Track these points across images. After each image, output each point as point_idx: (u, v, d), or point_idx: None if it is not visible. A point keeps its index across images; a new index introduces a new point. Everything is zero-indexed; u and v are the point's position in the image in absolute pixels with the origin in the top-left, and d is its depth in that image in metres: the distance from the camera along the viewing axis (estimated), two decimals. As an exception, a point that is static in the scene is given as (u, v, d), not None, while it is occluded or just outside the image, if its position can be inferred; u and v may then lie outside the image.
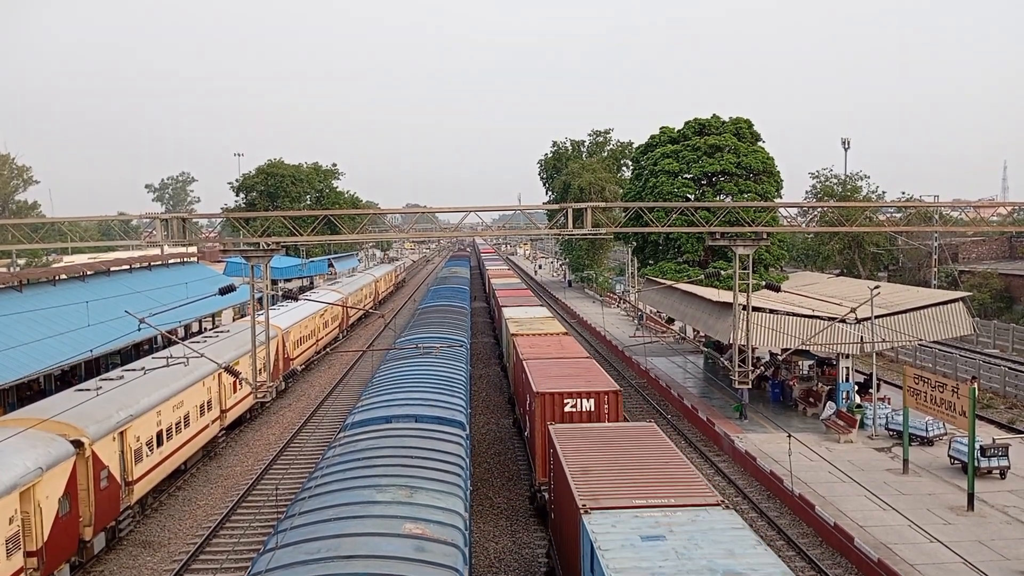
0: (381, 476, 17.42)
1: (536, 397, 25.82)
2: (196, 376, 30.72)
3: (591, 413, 25.52)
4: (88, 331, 40.28)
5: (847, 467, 28.96)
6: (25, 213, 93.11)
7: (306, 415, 39.88)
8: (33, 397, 35.56)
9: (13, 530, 18.66)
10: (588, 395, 25.72)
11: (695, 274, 52.26)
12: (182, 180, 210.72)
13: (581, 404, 25.58)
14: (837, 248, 78.09)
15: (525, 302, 54.81)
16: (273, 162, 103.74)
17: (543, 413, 25.40)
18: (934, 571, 21.03)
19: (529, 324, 41.99)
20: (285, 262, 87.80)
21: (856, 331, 35.38)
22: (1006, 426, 35.82)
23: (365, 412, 24.25)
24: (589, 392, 25.83)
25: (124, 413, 24.82)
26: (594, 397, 25.71)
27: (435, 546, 14.12)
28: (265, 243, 26.07)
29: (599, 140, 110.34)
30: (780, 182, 57.44)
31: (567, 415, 25.30)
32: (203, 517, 27.01)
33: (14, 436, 19.97)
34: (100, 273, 54.31)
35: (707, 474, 29.68)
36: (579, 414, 25.41)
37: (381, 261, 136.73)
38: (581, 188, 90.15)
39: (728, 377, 31.86)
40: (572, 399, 25.59)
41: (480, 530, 25.03)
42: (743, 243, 28.74)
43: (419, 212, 36.73)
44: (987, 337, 56.05)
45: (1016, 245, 79.67)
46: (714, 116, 58.83)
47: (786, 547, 23.75)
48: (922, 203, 59.81)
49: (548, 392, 25.69)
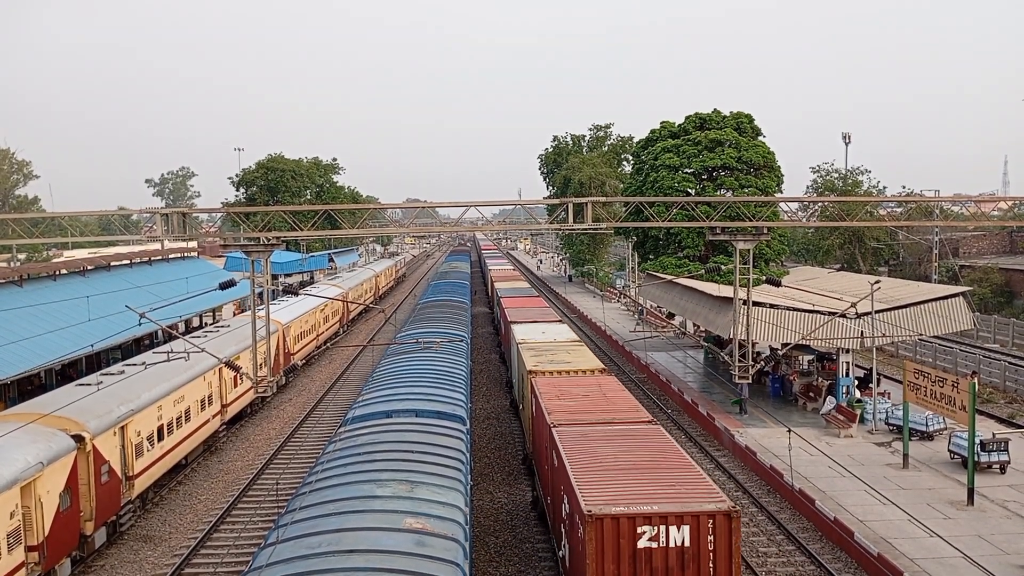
0: (382, 471, 17.45)
1: (588, 523, 14.86)
2: (197, 371, 30.73)
3: (684, 550, 14.77)
4: (89, 326, 40.29)
5: (847, 462, 28.98)
6: (25, 208, 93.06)
7: (307, 410, 39.92)
8: (34, 392, 35.56)
9: (14, 525, 18.69)
10: (680, 518, 14.86)
11: (695, 269, 52.26)
12: (182, 175, 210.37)
13: (668, 536, 14.80)
14: (838, 243, 78.10)
15: (539, 315, 44.18)
16: (273, 157, 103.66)
17: (600, 550, 14.78)
18: (934, 566, 21.07)
19: (551, 354, 31.10)
20: (285, 257, 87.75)
21: (856, 326, 35.37)
22: (1006, 421, 35.85)
23: (366, 407, 24.26)
24: (681, 514, 14.89)
25: (125, 408, 24.84)
26: (690, 522, 14.85)
27: (435, 540, 14.14)
28: (265, 238, 26.08)
29: (599, 135, 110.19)
30: (781, 177, 57.40)
31: (640, 554, 14.80)
32: (204, 512, 27.05)
33: (15, 431, 19.99)
34: (100, 268, 54.33)
35: (707, 468, 29.69)
36: (663, 552, 14.80)
37: (381, 256, 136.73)
38: (581, 183, 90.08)
39: (728, 372, 31.88)
40: (650, 525, 14.86)
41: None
42: (744, 238, 28.75)
43: (419, 207, 36.75)
44: (987, 332, 56.03)
45: (1017, 240, 79.59)
46: (715, 111, 58.77)
47: (786, 542, 23.79)
48: (923, 198, 59.81)
49: (610, 515, 14.83)
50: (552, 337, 35.51)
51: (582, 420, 21.29)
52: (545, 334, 36.44)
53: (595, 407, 22.89)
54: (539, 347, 32.94)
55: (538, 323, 40.37)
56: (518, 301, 51.80)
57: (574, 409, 22.52)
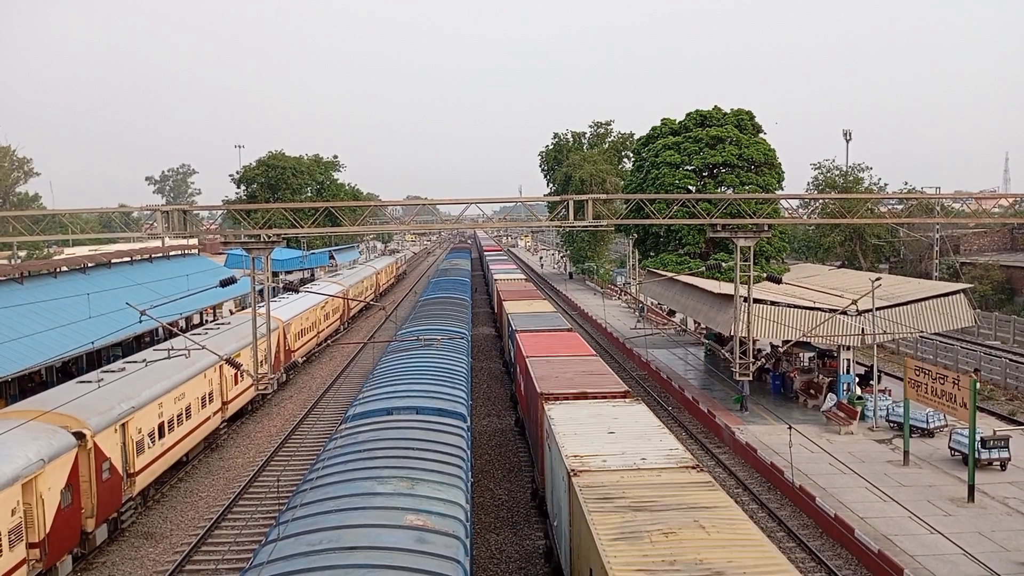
0: (382, 468, 17.45)
1: None
2: (197, 368, 30.73)
3: None
4: (89, 323, 40.31)
5: (848, 459, 28.98)
6: (26, 205, 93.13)
7: (307, 407, 39.92)
8: (35, 389, 35.61)
9: (15, 522, 18.71)
10: None
11: (696, 266, 52.26)
12: (183, 172, 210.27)
13: None
14: (838, 240, 78.04)
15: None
16: (274, 154, 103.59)
17: None
18: (934, 562, 21.07)
19: (594, 421, 20.70)
20: (286, 254, 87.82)
21: (857, 323, 35.37)
22: (1007, 418, 35.83)
23: (366, 404, 24.27)
24: None
25: (126, 405, 24.85)
26: None
27: (436, 537, 14.15)
28: (266, 235, 26.07)
29: (600, 132, 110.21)
30: (781, 174, 57.41)
31: None
32: (205, 508, 27.07)
33: (16, 428, 20.01)
34: (101, 265, 54.31)
35: (708, 466, 29.72)
36: None
37: (382, 253, 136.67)
38: (582, 180, 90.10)
39: (729, 369, 31.88)
40: None
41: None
42: (744, 235, 28.75)
43: (420, 204, 36.72)
44: (988, 329, 56.00)
45: (1018, 237, 79.51)
46: (715, 108, 58.76)
47: (787, 538, 23.80)
48: (923, 194, 59.67)
49: None
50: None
51: None
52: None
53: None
54: (576, 419, 21.00)
55: (560, 356, 30.27)
56: (535, 335, 36.29)
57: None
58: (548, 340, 35.08)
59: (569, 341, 35.44)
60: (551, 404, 22.78)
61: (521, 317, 42.97)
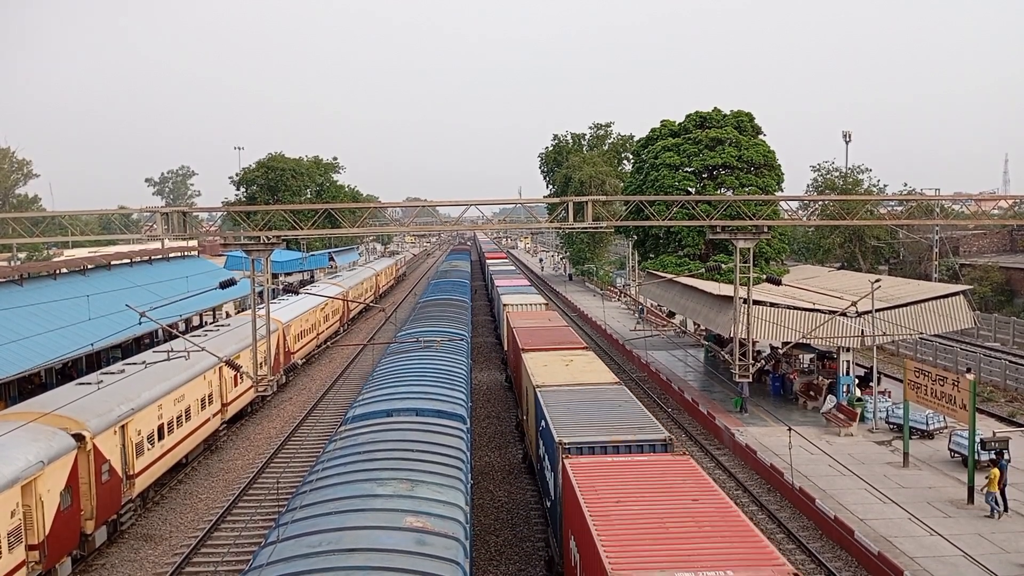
0: (382, 469, 17.45)
1: None
2: (197, 370, 30.73)
3: None
4: (89, 325, 40.29)
5: (847, 460, 28.98)
6: (26, 207, 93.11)
7: (307, 409, 39.91)
8: (34, 391, 35.58)
9: (15, 524, 18.70)
10: None
11: (696, 267, 52.26)
12: (182, 174, 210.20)
13: None
14: (838, 241, 78.05)
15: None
16: (274, 156, 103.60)
17: None
18: (934, 564, 21.06)
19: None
20: (286, 256, 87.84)
21: (857, 324, 35.36)
22: (1006, 419, 35.83)
23: (366, 406, 24.27)
24: None
25: (125, 407, 24.84)
26: None
27: (436, 539, 14.15)
28: (265, 237, 26.08)
29: (600, 133, 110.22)
30: (781, 175, 57.38)
31: None
32: (204, 510, 27.06)
33: (15, 430, 20.00)
34: (101, 267, 54.31)
35: (708, 467, 29.70)
36: None
37: (382, 255, 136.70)
38: (582, 181, 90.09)
39: (728, 371, 31.89)
40: None
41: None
42: (744, 237, 28.76)
43: (420, 206, 36.74)
44: (988, 331, 56.00)
45: (1017, 238, 79.52)
46: (715, 109, 58.74)
47: (786, 540, 23.79)
48: (923, 196, 59.76)
49: None
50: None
51: None
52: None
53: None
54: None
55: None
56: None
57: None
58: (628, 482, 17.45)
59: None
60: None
61: (552, 393, 24.63)
